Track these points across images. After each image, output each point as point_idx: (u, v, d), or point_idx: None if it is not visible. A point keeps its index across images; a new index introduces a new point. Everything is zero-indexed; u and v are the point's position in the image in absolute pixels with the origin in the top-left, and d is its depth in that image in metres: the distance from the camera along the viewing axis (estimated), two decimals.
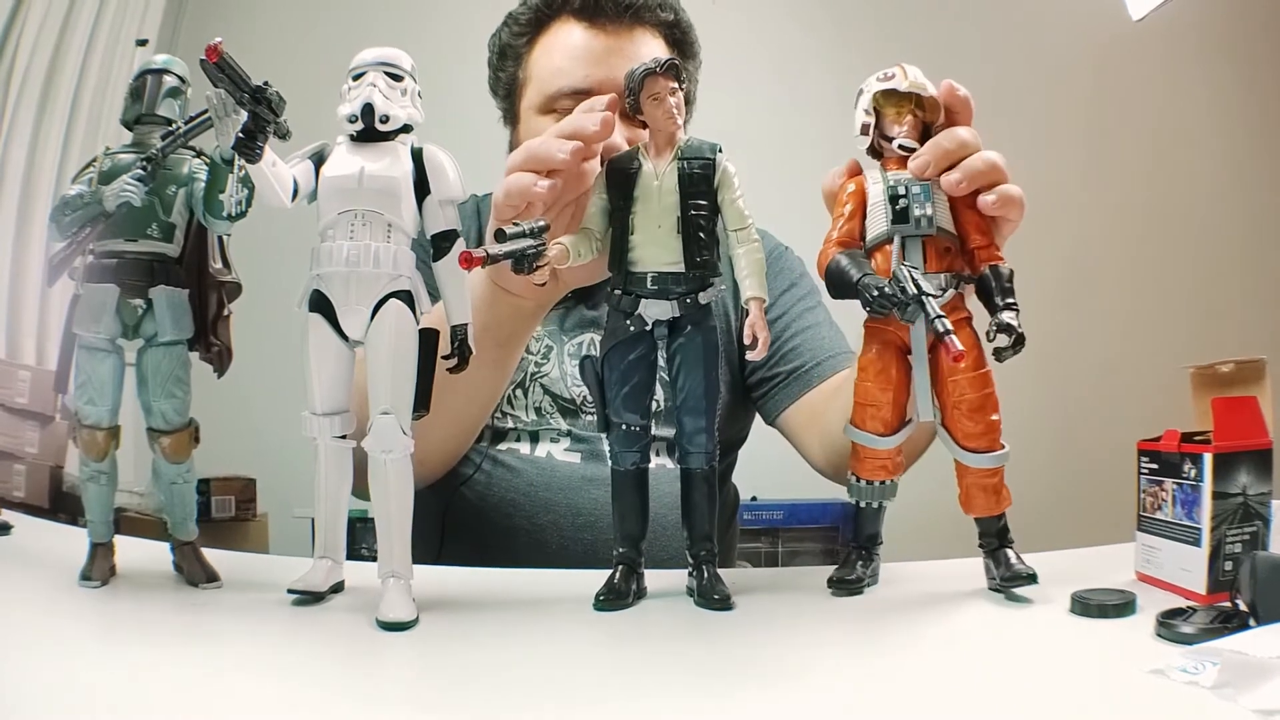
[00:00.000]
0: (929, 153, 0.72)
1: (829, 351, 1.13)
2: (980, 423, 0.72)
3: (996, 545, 0.73)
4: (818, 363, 1.12)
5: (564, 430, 1.11)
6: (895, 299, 0.68)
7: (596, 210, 0.72)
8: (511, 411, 1.12)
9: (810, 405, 1.11)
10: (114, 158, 0.72)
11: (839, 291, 0.72)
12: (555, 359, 1.12)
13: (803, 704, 0.51)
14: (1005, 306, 0.70)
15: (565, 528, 1.05)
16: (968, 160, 0.72)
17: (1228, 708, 0.47)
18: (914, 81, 0.73)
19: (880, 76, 0.74)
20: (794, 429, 1.13)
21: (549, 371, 1.12)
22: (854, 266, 0.71)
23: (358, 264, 0.65)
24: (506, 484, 1.08)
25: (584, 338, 1.14)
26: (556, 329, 1.14)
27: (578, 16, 1.08)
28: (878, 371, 0.73)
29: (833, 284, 0.72)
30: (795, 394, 1.12)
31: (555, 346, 1.13)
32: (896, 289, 0.68)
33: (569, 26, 1.09)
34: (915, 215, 0.71)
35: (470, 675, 0.55)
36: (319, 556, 0.71)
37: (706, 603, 0.69)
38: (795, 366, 1.13)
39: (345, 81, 0.68)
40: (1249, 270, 2.57)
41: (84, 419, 0.72)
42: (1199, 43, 2.61)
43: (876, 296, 0.68)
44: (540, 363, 1.12)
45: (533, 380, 1.12)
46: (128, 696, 0.50)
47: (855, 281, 0.70)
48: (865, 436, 0.74)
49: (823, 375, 1.11)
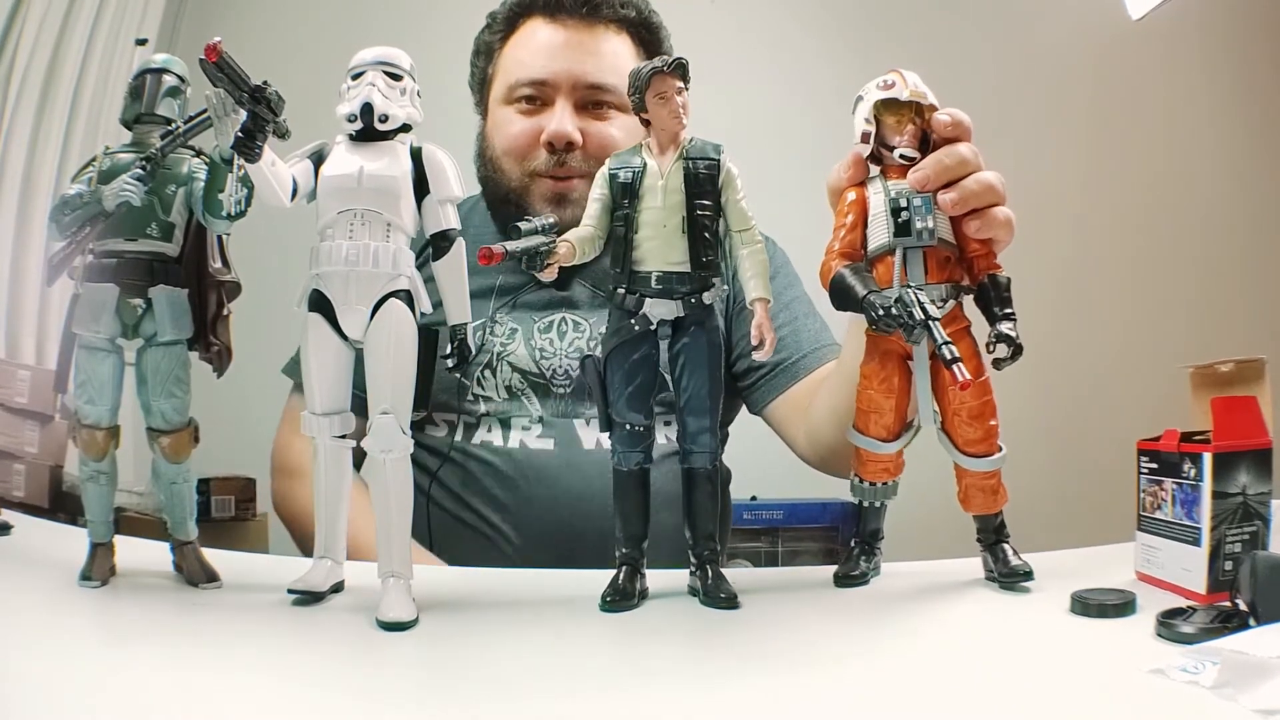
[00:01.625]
0: (930, 168, 0.73)
1: (814, 344, 1.15)
2: (980, 429, 0.73)
3: (994, 540, 0.75)
4: (803, 355, 1.13)
5: (535, 416, 1.11)
6: (900, 320, 0.68)
7: (599, 208, 0.72)
8: (482, 393, 1.12)
9: (795, 398, 1.12)
10: (113, 157, 0.73)
11: (842, 304, 0.72)
12: (522, 338, 1.13)
13: (809, 702, 0.51)
14: (1004, 316, 0.71)
15: (548, 521, 1.05)
16: (964, 181, 0.73)
17: (1228, 707, 0.47)
18: (914, 90, 0.73)
19: (880, 85, 0.74)
20: (780, 421, 1.14)
21: (515, 349, 1.13)
22: (859, 282, 0.71)
23: (357, 263, 0.65)
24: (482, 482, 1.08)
25: (555, 316, 1.15)
26: (525, 312, 1.15)
27: (543, 14, 1.17)
28: (882, 380, 0.74)
29: (836, 297, 0.73)
30: (781, 386, 1.14)
31: (520, 327, 1.14)
32: (904, 312, 0.68)
33: (535, 24, 1.17)
34: (917, 228, 0.72)
35: (471, 675, 0.55)
36: (319, 556, 0.71)
37: (712, 602, 0.69)
38: (781, 360, 1.14)
39: (344, 81, 0.68)
40: (1249, 270, 2.57)
41: (84, 418, 0.72)
42: (1199, 43, 2.61)
43: (881, 316, 0.69)
44: (506, 343, 1.13)
45: (499, 360, 1.12)
46: (128, 696, 0.50)
47: (860, 299, 0.70)
48: (869, 442, 0.75)
49: (808, 368, 1.13)
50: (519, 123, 1.14)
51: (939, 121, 0.74)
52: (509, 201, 1.15)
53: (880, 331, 0.71)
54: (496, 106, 1.19)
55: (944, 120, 0.74)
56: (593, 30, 1.15)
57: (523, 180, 1.14)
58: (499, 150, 1.16)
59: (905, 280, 0.72)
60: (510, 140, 1.15)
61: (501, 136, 1.16)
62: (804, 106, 2.47)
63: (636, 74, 0.70)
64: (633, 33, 1.17)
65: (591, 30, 1.15)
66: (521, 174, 1.14)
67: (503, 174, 1.16)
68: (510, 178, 1.15)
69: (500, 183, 1.16)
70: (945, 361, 0.67)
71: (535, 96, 1.14)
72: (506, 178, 1.15)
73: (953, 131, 0.74)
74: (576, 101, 1.13)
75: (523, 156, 1.14)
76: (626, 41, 1.17)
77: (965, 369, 0.67)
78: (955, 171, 0.73)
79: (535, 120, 1.13)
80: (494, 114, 1.19)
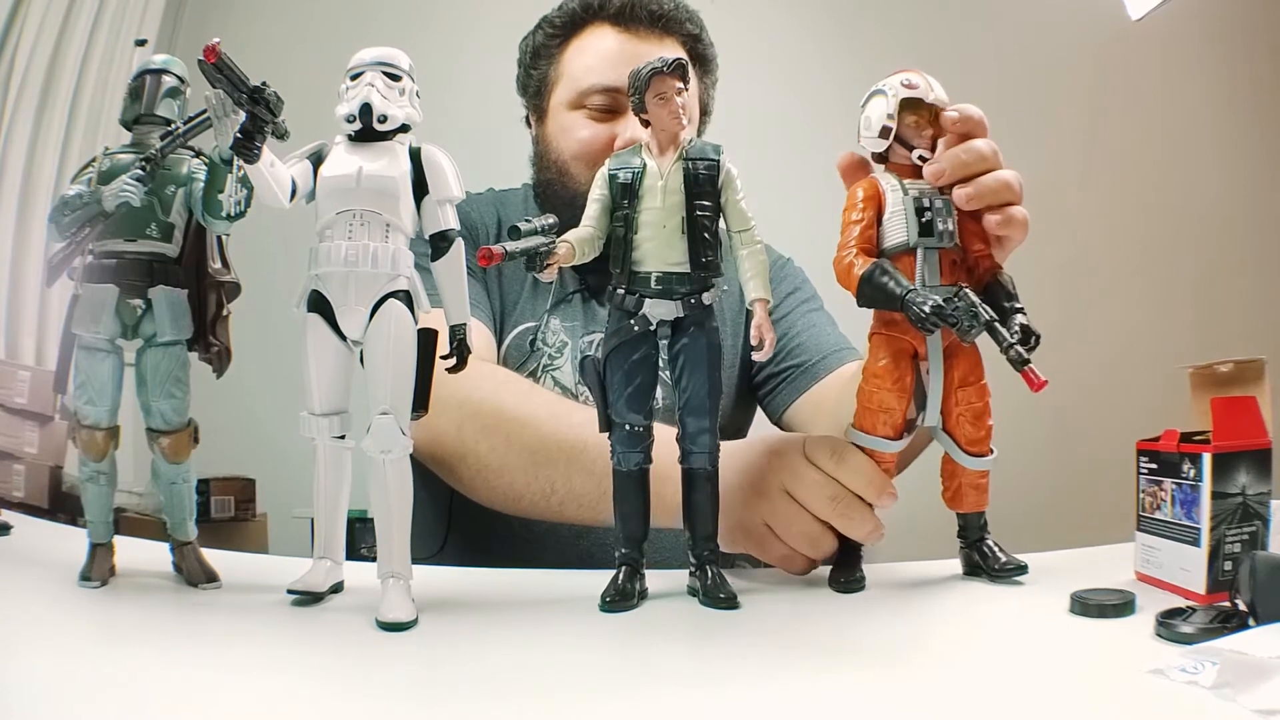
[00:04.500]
0: (946, 161, 0.72)
1: (833, 346, 1.16)
2: (981, 429, 0.75)
3: (978, 538, 0.77)
4: (823, 357, 1.14)
5: None
6: (954, 319, 0.68)
7: (599, 208, 0.72)
8: None
9: (816, 399, 1.13)
10: (113, 158, 0.72)
11: (872, 299, 0.72)
12: (569, 354, 1.14)
13: (809, 702, 0.51)
14: (1015, 311, 0.71)
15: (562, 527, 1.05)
16: (983, 178, 0.73)
17: (1227, 708, 0.47)
18: (938, 96, 0.73)
19: (904, 83, 0.73)
20: (800, 423, 1.14)
21: (561, 365, 1.14)
22: (895, 279, 0.71)
23: (356, 264, 0.65)
24: None
25: (594, 337, 1.15)
26: (576, 325, 1.16)
27: (612, 22, 1.17)
28: (895, 380, 0.74)
29: (868, 292, 0.72)
30: (801, 388, 1.14)
31: (570, 342, 1.14)
32: (965, 312, 0.68)
33: (602, 30, 1.17)
34: (939, 229, 0.72)
35: (471, 676, 0.55)
36: (318, 557, 0.71)
37: (712, 602, 0.69)
38: (800, 362, 1.15)
39: (343, 81, 0.68)
40: (1249, 270, 2.57)
41: (83, 419, 0.72)
42: (1199, 43, 2.61)
43: (928, 315, 0.68)
44: (554, 356, 1.14)
45: (545, 372, 1.13)
46: (128, 696, 0.50)
47: (902, 295, 0.70)
48: (875, 441, 0.75)
49: (828, 368, 1.13)
50: (590, 128, 1.14)
51: (947, 118, 0.73)
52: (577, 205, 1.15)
53: (925, 330, 0.71)
54: (560, 111, 1.18)
55: (952, 116, 0.73)
56: (663, 42, 1.16)
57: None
58: (567, 155, 1.16)
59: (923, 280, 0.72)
60: (582, 145, 1.14)
61: (571, 141, 1.16)
62: (804, 106, 2.47)
63: (636, 74, 0.70)
64: (690, 48, 1.19)
65: (662, 42, 1.16)
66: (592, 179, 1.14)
67: (571, 179, 1.15)
68: (581, 182, 1.13)
69: (568, 187, 1.15)
70: (1017, 364, 0.67)
71: (607, 104, 1.14)
72: (576, 182, 1.14)
73: (963, 127, 0.73)
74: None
75: (595, 162, 1.11)
76: (687, 56, 1.17)
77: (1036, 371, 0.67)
78: (973, 168, 0.73)
79: (608, 126, 1.13)
80: (557, 118, 1.18)
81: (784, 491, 0.77)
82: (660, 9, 1.16)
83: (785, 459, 0.78)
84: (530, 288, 1.17)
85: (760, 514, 0.78)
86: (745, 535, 0.78)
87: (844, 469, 0.75)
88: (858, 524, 0.75)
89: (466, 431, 0.93)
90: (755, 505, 0.78)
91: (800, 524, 0.77)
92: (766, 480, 0.78)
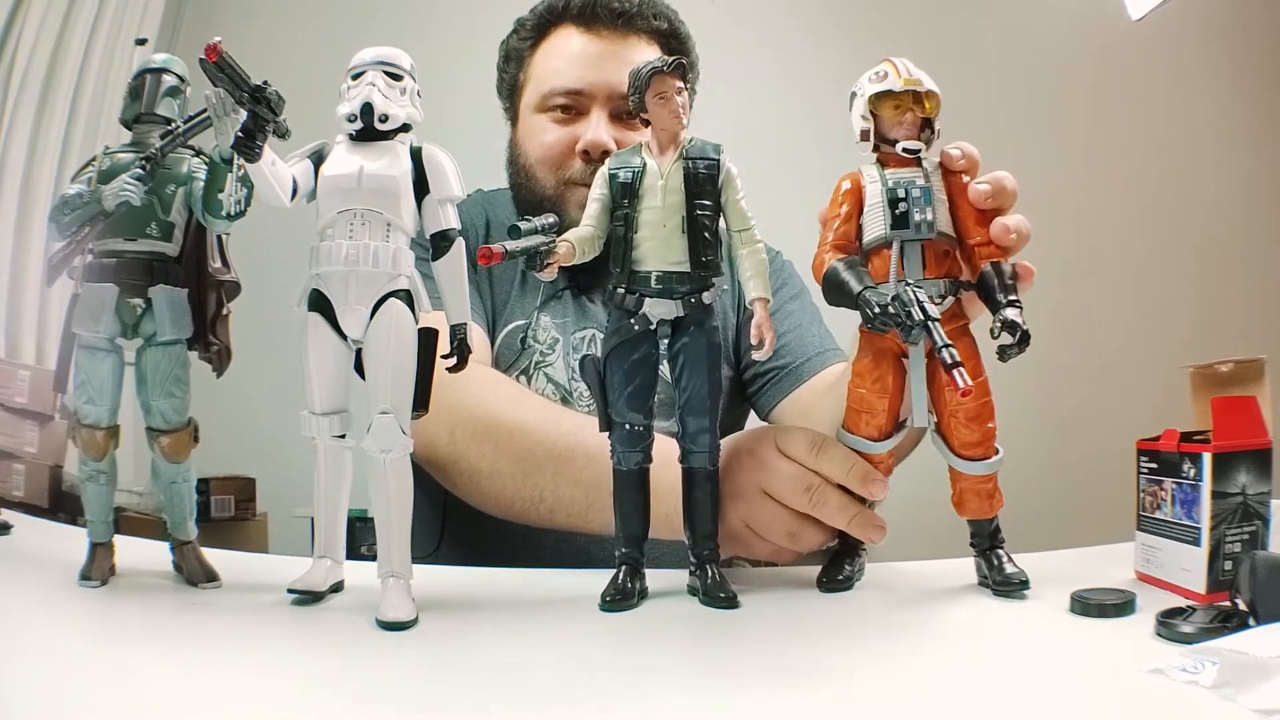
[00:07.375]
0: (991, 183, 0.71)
1: (817, 348, 1.16)
2: (977, 431, 0.71)
3: (988, 546, 0.74)
4: (807, 359, 1.14)
5: None
6: (898, 320, 0.66)
7: (599, 208, 0.72)
8: None
9: (800, 400, 1.13)
10: (113, 157, 0.72)
11: (835, 300, 0.71)
12: (560, 350, 1.14)
13: (809, 702, 0.51)
14: (1009, 303, 0.68)
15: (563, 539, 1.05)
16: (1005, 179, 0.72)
17: (1227, 707, 0.47)
18: (908, 78, 0.70)
19: (872, 77, 0.72)
20: (786, 423, 1.14)
21: (554, 362, 1.13)
22: (853, 277, 0.69)
23: (357, 263, 0.65)
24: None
25: (585, 333, 1.15)
26: (567, 322, 1.16)
27: (576, 23, 1.16)
28: (875, 379, 0.73)
29: (829, 292, 0.71)
30: (786, 389, 1.15)
31: (562, 339, 1.14)
32: (901, 311, 0.66)
33: (568, 32, 1.17)
34: (915, 220, 0.70)
35: (472, 675, 0.55)
36: (318, 556, 0.71)
37: (712, 601, 0.69)
38: (785, 363, 1.15)
39: (344, 81, 0.68)
40: (1249, 270, 2.57)
41: (83, 418, 0.72)
42: (1199, 43, 2.61)
43: (877, 315, 0.67)
44: (545, 353, 1.14)
45: (537, 369, 1.13)
46: (128, 696, 0.50)
47: (855, 294, 0.68)
48: (859, 441, 0.74)
49: (812, 371, 1.13)
50: (554, 131, 1.14)
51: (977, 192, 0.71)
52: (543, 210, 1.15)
53: (875, 330, 0.68)
54: (528, 114, 1.18)
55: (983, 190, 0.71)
56: (627, 40, 1.15)
57: (558, 189, 1.13)
58: (533, 159, 1.16)
59: (902, 275, 0.69)
60: (545, 149, 1.14)
61: (535, 145, 1.16)
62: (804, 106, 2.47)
63: (636, 74, 0.70)
64: (663, 43, 1.18)
65: (626, 40, 1.15)
66: (556, 182, 1.14)
67: (537, 182, 1.15)
68: (545, 186, 1.14)
69: (534, 190, 1.15)
70: (946, 366, 0.64)
71: (570, 106, 1.14)
72: (541, 186, 1.14)
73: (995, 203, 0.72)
74: (611, 111, 1.13)
75: (558, 165, 1.13)
76: (658, 51, 1.16)
77: (966, 374, 0.64)
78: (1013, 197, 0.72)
79: (570, 129, 1.13)
80: (525, 121, 1.18)
81: (760, 490, 0.77)
82: (622, 7, 1.15)
83: (757, 456, 0.78)
84: (519, 286, 1.17)
85: (739, 516, 0.78)
86: (729, 538, 0.78)
87: (823, 459, 0.75)
88: (836, 512, 0.75)
89: (458, 437, 0.94)
90: (733, 508, 0.78)
91: (779, 521, 0.77)
92: (740, 481, 0.78)
